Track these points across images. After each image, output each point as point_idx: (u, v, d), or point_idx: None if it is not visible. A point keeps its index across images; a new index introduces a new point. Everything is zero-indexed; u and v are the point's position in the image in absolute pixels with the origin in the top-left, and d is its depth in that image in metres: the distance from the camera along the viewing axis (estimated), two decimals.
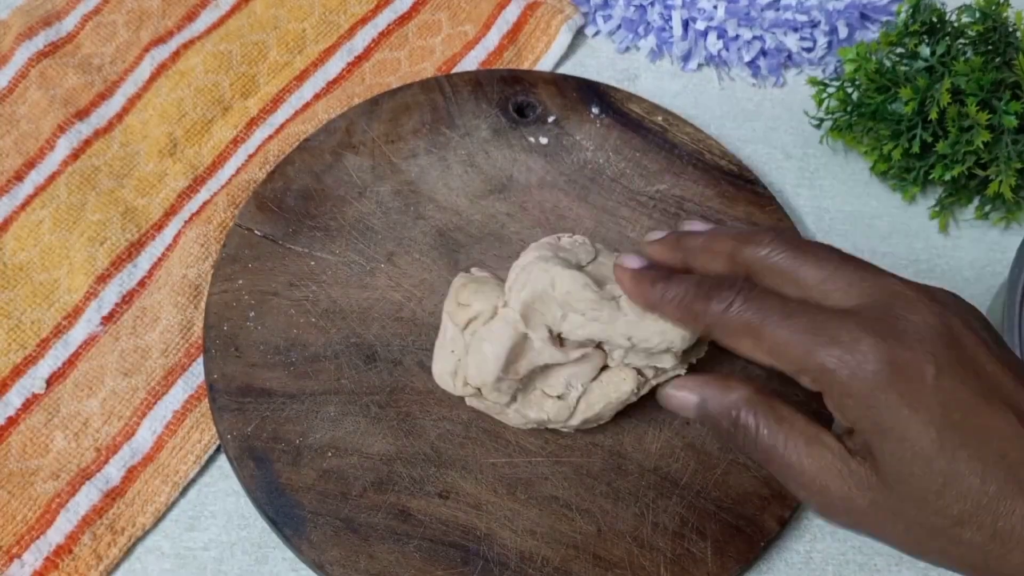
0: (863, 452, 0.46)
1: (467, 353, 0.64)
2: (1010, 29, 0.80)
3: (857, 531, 0.48)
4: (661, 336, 0.59)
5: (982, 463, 0.43)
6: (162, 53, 0.85)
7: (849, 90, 0.83)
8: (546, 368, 0.64)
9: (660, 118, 0.83)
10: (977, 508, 0.43)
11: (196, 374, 0.72)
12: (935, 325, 0.46)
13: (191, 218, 0.78)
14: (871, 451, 0.46)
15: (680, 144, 0.82)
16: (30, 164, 0.80)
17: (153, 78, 0.84)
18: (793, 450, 0.48)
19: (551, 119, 0.82)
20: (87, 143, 0.81)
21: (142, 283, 0.76)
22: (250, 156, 0.81)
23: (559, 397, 0.65)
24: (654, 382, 0.63)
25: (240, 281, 0.73)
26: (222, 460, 0.70)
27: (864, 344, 0.45)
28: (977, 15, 0.80)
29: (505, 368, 0.62)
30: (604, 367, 0.64)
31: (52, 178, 0.79)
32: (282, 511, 0.66)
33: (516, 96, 0.83)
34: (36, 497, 0.68)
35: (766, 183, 0.81)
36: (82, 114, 0.82)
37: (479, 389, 0.64)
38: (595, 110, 0.83)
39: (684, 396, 0.55)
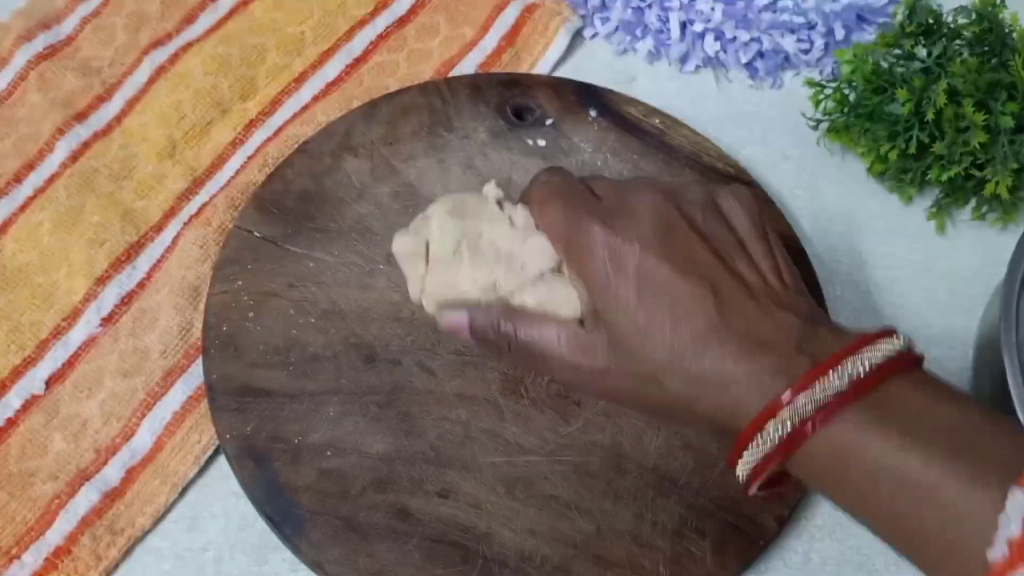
0: (599, 325, 0.55)
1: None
2: (1006, 30, 0.80)
3: (611, 399, 0.59)
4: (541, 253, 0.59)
5: (672, 319, 0.52)
6: (161, 56, 0.85)
7: (846, 91, 0.83)
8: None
9: (657, 120, 0.83)
10: (672, 356, 0.52)
11: (195, 375, 0.72)
12: (650, 209, 0.55)
13: (190, 220, 0.78)
14: (602, 320, 0.54)
15: (678, 146, 0.82)
16: (29, 166, 0.80)
17: (152, 80, 0.84)
18: (547, 340, 0.56)
19: (549, 122, 0.83)
20: (86, 145, 0.81)
21: (141, 285, 0.76)
22: (249, 158, 0.81)
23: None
24: None
25: (239, 282, 0.73)
26: (221, 461, 0.70)
27: (592, 229, 0.54)
28: (973, 16, 0.80)
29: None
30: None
31: (51, 180, 0.79)
32: (281, 510, 0.66)
33: (514, 99, 0.83)
34: (35, 498, 0.68)
35: (763, 184, 0.81)
36: (81, 116, 0.82)
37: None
38: (593, 112, 0.83)
39: (456, 317, 0.60)
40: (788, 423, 0.49)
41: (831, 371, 0.49)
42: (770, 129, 0.87)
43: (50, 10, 0.87)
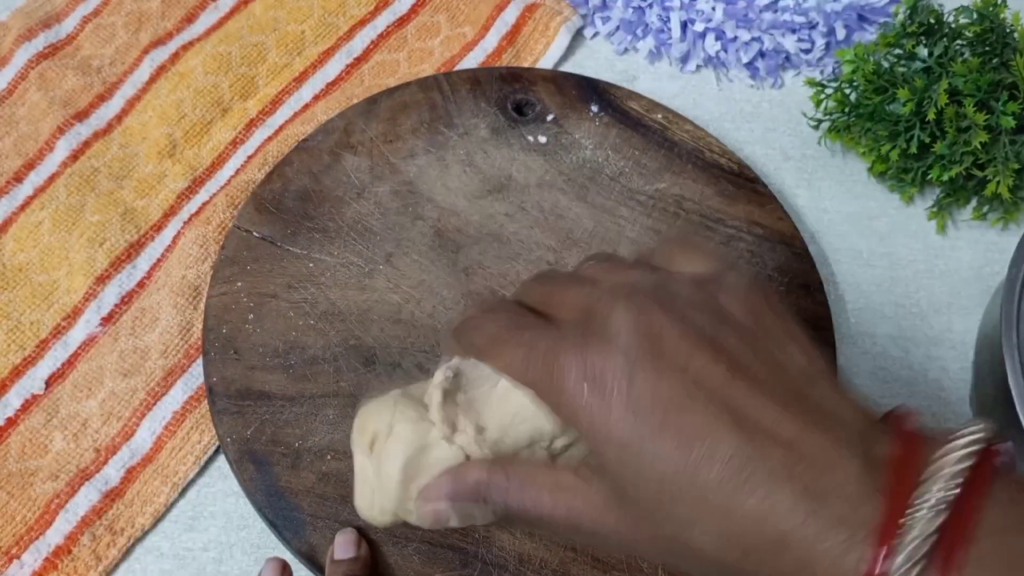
0: (598, 472, 0.43)
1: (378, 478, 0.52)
2: (1007, 30, 0.80)
3: (625, 552, 0.48)
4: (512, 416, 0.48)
5: (687, 458, 0.39)
6: (161, 55, 0.85)
7: (847, 91, 0.83)
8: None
9: (660, 116, 0.83)
10: (697, 510, 0.39)
11: (195, 375, 0.72)
12: (629, 323, 0.42)
13: (190, 219, 0.78)
14: (602, 469, 0.42)
15: (680, 142, 0.82)
16: (29, 165, 0.80)
17: (152, 80, 0.84)
18: (541, 504, 0.45)
19: (550, 117, 0.82)
20: (86, 144, 0.81)
21: (141, 284, 0.76)
22: (249, 157, 0.81)
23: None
24: None
25: (239, 283, 0.73)
26: (221, 461, 0.70)
27: (561, 364, 0.42)
28: (974, 16, 0.80)
29: (405, 483, 0.50)
30: None
31: (51, 179, 0.79)
32: (282, 514, 0.66)
33: (515, 94, 0.83)
34: (35, 498, 0.68)
35: (764, 184, 0.81)
36: (81, 115, 0.82)
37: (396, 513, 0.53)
38: (594, 108, 0.83)
39: (435, 507, 0.48)
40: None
41: (913, 506, 0.37)
42: (771, 129, 0.87)
43: (50, 9, 0.87)
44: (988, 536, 0.36)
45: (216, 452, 0.71)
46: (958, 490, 0.36)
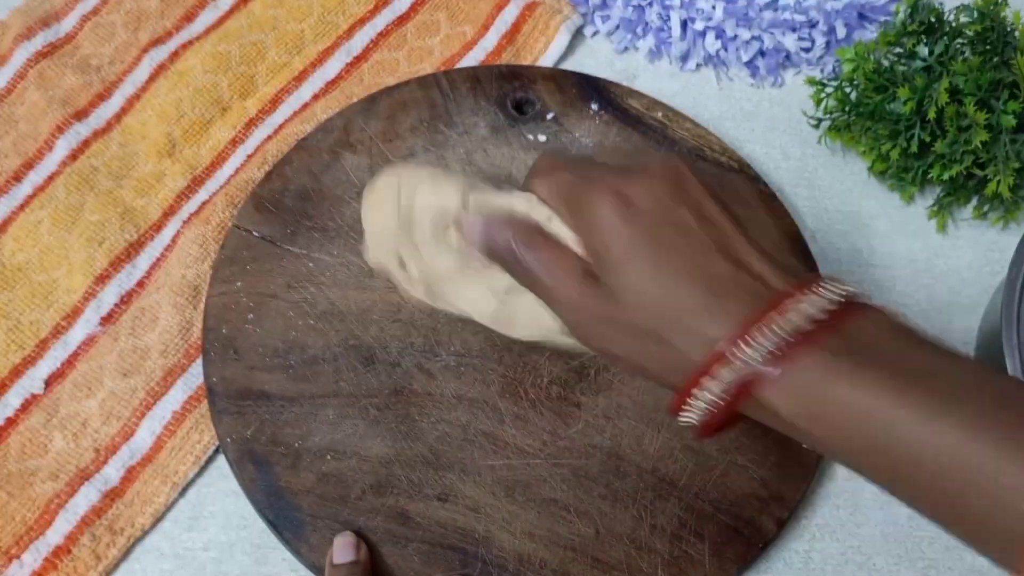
0: (602, 272, 0.53)
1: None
2: (1008, 29, 0.80)
3: (596, 344, 0.55)
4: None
5: (688, 283, 0.50)
6: (161, 53, 0.85)
7: (847, 90, 0.83)
8: None
9: (660, 114, 0.83)
10: (668, 303, 0.50)
11: (195, 375, 0.72)
12: (662, 169, 0.54)
13: (190, 218, 0.78)
14: (605, 270, 0.53)
15: (680, 140, 0.82)
16: (29, 165, 0.80)
17: (152, 78, 0.84)
18: (555, 281, 0.54)
19: (550, 116, 0.82)
20: (86, 143, 0.81)
21: (141, 283, 0.76)
22: (249, 156, 0.81)
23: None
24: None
25: (238, 283, 0.73)
26: (221, 460, 0.70)
27: (603, 183, 0.53)
28: (975, 15, 0.80)
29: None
30: None
31: (51, 179, 0.79)
32: (282, 514, 0.66)
33: (515, 92, 0.83)
34: (35, 498, 0.68)
35: (765, 183, 0.81)
36: (81, 114, 0.82)
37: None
38: (594, 106, 0.83)
39: (474, 220, 0.58)
40: (738, 369, 0.47)
41: (787, 309, 0.47)
42: (771, 128, 0.87)
43: (50, 8, 0.87)
44: (855, 337, 0.47)
45: (216, 452, 0.71)
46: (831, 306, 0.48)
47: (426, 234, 0.59)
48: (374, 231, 0.61)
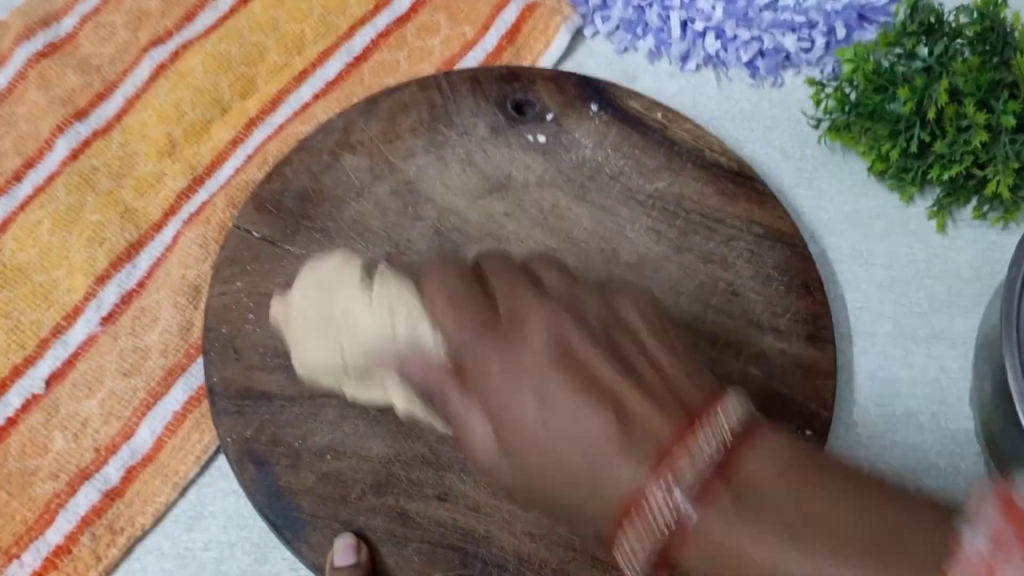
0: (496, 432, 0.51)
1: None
2: (1008, 29, 0.80)
3: (498, 487, 0.54)
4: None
5: (577, 457, 0.48)
6: (161, 53, 0.85)
7: (847, 90, 0.83)
8: None
9: (660, 115, 0.83)
10: (576, 483, 0.48)
11: (196, 375, 0.72)
12: (542, 326, 0.51)
13: (190, 219, 0.78)
14: (505, 447, 0.51)
15: (680, 141, 0.82)
16: (29, 164, 0.80)
17: (152, 78, 0.84)
18: (468, 445, 0.52)
19: (549, 117, 0.82)
20: (86, 143, 0.81)
21: (141, 283, 0.76)
22: (249, 157, 0.81)
23: None
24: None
25: (239, 283, 0.73)
26: (221, 460, 0.70)
27: (486, 349, 0.51)
28: (975, 15, 0.80)
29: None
30: None
31: (51, 179, 0.79)
32: (282, 514, 0.66)
33: (514, 93, 0.83)
34: (35, 497, 0.68)
35: (764, 183, 0.81)
36: (81, 114, 0.82)
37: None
38: (594, 107, 0.83)
39: (388, 370, 0.57)
40: (660, 517, 0.45)
41: (688, 450, 0.46)
42: (771, 128, 0.87)
43: (50, 8, 0.87)
44: (746, 472, 0.46)
45: (216, 452, 0.71)
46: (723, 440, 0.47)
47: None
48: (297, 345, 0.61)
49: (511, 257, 0.58)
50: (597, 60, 0.90)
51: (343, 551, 0.64)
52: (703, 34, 0.88)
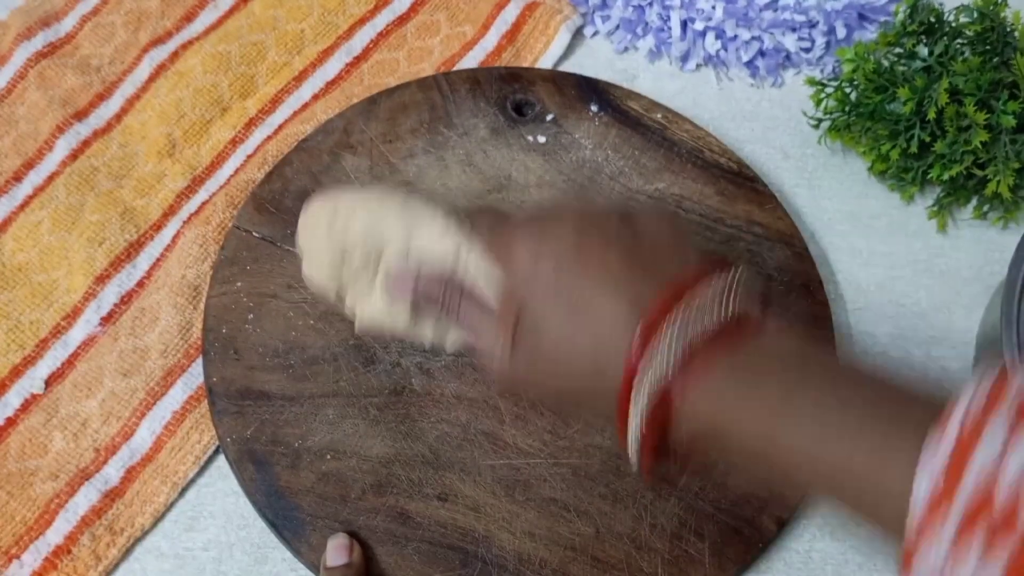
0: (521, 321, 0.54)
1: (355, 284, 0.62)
2: (1008, 29, 0.80)
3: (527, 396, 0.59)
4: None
5: (591, 338, 0.50)
6: (161, 54, 0.85)
7: (847, 90, 0.83)
8: None
9: (659, 115, 0.83)
10: (583, 343, 0.51)
11: (195, 375, 0.72)
12: (567, 231, 0.53)
13: (190, 218, 0.78)
14: (523, 309, 0.53)
15: (679, 142, 0.82)
16: (29, 165, 0.80)
17: (152, 79, 0.84)
18: (480, 345, 0.56)
19: (549, 117, 0.82)
20: (86, 144, 0.81)
21: (141, 284, 0.76)
22: (249, 156, 0.81)
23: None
24: None
25: (239, 283, 0.73)
26: (221, 460, 0.70)
27: (517, 226, 0.55)
28: (975, 15, 0.80)
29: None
30: None
31: (51, 179, 0.79)
32: (282, 514, 0.66)
33: (514, 94, 0.83)
34: (35, 498, 0.68)
35: (765, 183, 0.81)
36: (81, 115, 0.82)
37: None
38: (594, 108, 0.83)
39: (405, 285, 0.59)
40: (652, 380, 0.47)
41: (674, 315, 0.48)
42: (771, 128, 0.87)
43: (50, 8, 0.87)
44: (743, 347, 0.48)
45: (216, 452, 0.71)
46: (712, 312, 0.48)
47: (356, 268, 0.59)
48: (310, 255, 0.61)
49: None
50: (597, 60, 0.90)
51: (335, 551, 0.64)
52: (703, 34, 0.88)
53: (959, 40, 0.81)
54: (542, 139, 0.81)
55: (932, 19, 0.81)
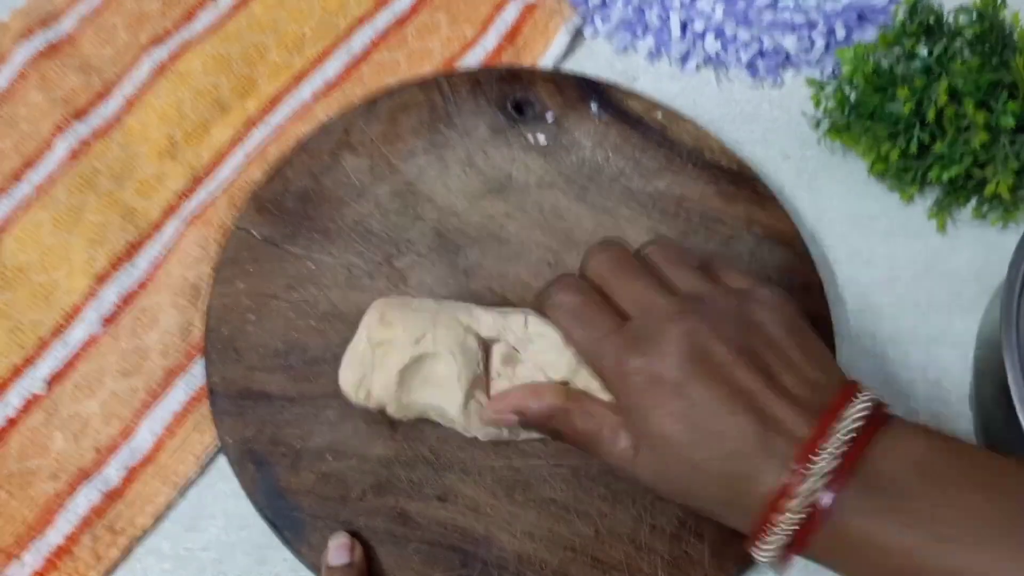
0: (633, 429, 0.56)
1: (373, 369, 0.65)
2: (1007, 30, 0.80)
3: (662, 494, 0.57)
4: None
5: (719, 459, 0.52)
6: (161, 54, 0.85)
7: (847, 91, 0.83)
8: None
9: (660, 115, 0.83)
10: (717, 492, 0.53)
11: (196, 375, 0.72)
12: (680, 337, 0.53)
13: (191, 219, 0.78)
14: (646, 448, 0.55)
15: (680, 142, 0.82)
16: (29, 165, 0.80)
17: (152, 79, 0.84)
18: (601, 438, 0.58)
19: (550, 117, 0.82)
20: (86, 144, 0.81)
21: (142, 284, 0.76)
22: (249, 157, 0.81)
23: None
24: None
25: (239, 284, 0.73)
26: (222, 461, 0.70)
27: (623, 358, 0.55)
28: (974, 16, 0.80)
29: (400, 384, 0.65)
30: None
31: (52, 179, 0.79)
32: (282, 514, 0.66)
33: (515, 94, 0.83)
34: (35, 498, 0.68)
35: (764, 183, 0.81)
36: (81, 115, 0.82)
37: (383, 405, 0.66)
38: (594, 108, 0.83)
39: (504, 416, 0.63)
40: (798, 508, 0.49)
41: (822, 445, 0.49)
42: (770, 129, 0.87)
43: (50, 8, 0.87)
44: (876, 460, 0.49)
45: (216, 452, 0.71)
46: (855, 433, 0.50)
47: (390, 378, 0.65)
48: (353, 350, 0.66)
49: (625, 249, 0.62)
50: (597, 60, 0.90)
51: (336, 551, 0.64)
52: (703, 34, 0.88)
53: (958, 41, 0.81)
54: (542, 139, 0.81)
55: (931, 20, 0.81)
